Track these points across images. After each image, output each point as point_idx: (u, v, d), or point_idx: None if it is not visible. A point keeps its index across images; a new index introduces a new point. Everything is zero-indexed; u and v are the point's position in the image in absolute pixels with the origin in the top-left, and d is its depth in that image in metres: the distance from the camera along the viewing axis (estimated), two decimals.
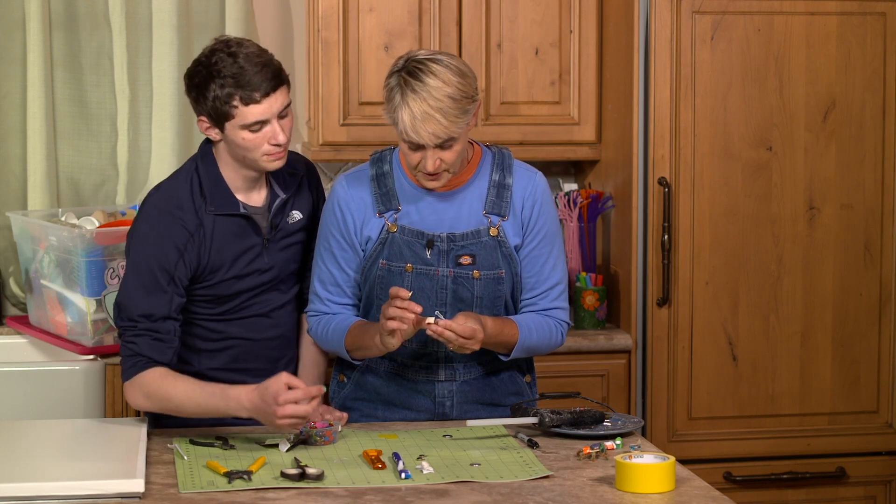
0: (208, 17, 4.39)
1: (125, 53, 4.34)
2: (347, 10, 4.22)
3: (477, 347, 3.12)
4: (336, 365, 3.44)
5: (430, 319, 3.08)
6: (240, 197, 3.23)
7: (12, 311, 4.38)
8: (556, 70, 4.33)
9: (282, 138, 3.12)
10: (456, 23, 4.27)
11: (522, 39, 4.31)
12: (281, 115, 3.13)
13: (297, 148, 4.56)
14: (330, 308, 3.32)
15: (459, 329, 3.07)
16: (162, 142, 4.32)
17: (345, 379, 3.39)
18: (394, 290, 3.08)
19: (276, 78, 3.11)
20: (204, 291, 3.23)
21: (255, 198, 3.26)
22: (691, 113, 4.12)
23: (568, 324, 3.35)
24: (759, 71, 4.13)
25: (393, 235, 3.24)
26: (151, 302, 3.12)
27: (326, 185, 4.52)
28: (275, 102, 3.11)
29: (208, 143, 3.26)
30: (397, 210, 3.25)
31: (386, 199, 3.26)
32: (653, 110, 4.10)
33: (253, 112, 3.09)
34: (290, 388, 2.96)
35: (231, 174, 3.22)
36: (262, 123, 3.11)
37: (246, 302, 3.27)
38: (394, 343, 3.11)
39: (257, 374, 3.27)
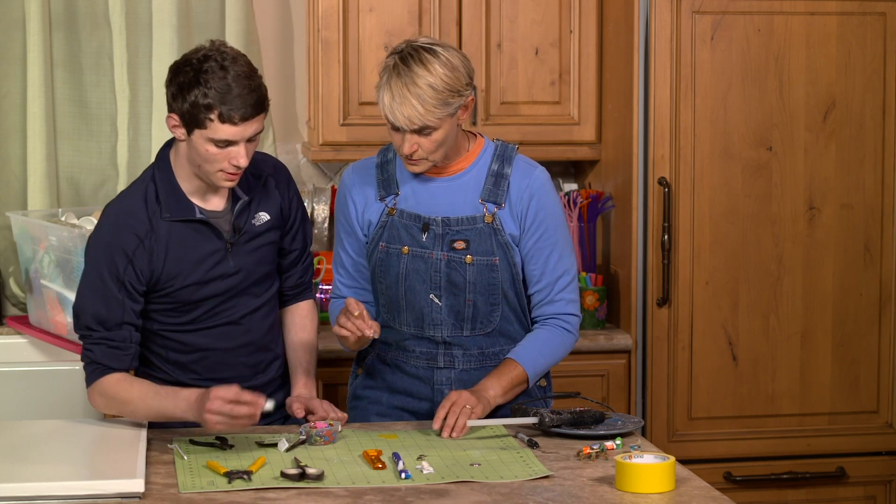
0: (208, 18, 4.39)
1: (125, 53, 4.34)
2: (347, 10, 4.22)
3: (473, 400, 3.15)
4: (355, 360, 3.49)
5: (375, 335, 3.16)
6: (196, 201, 3.19)
7: (12, 311, 4.38)
8: (556, 70, 4.33)
9: (243, 162, 3.09)
10: (456, 23, 4.27)
11: (522, 39, 4.31)
12: (249, 139, 3.10)
13: (297, 148, 4.56)
14: (342, 291, 3.41)
15: (450, 408, 3.14)
16: (162, 142, 4.29)
17: (361, 371, 3.47)
18: (349, 301, 3.16)
19: (258, 105, 3.07)
20: (166, 300, 3.20)
21: (215, 202, 3.22)
22: (691, 113, 4.12)
23: (576, 316, 3.35)
24: (759, 71, 4.13)
25: (392, 219, 3.31)
26: (104, 310, 3.12)
27: (327, 185, 4.52)
28: (248, 128, 3.06)
29: (166, 150, 3.24)
30: (396, 195, 3.31)
31: (386, 184, 3.33)
32: (653, 110, 4.10)
33: (225, 131, 3.04)
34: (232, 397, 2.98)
35: (188, 178, 3.18)
36: (230, 143, 3.07)
37: (213, 310, 3.24)
38: (347, 344, 3.24)
39: (236, 379, 3.26)
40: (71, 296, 3.92)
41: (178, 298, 3.20)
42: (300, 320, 3.41)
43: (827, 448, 4.26)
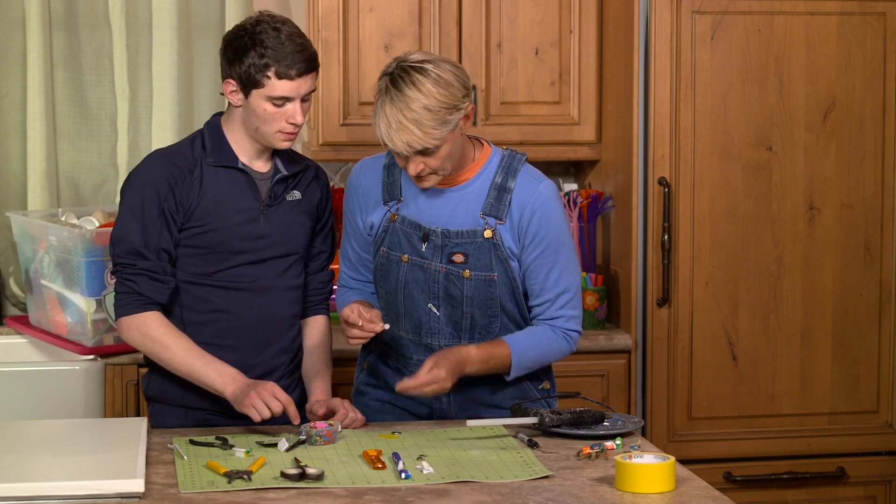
0: (208, 18, 4.39)
1: (125, 53, 4.34)
2: (347, 10, 4.22)
3: (448, 385, 3.17)
4: (361, 352, 3.50)
5: (386, 326, 3.19)
6: (242, 159, 3.32)
7: (12, 311, 4.38)
8: (556, 70, 4.33)
9: (299, 119, 3.23)
10: (456, 23, 4.27)
11: (522, 39, 4.31)
12: (304, 99, 3.23)
13: (298, 148, 4.56)
14: (347, 282, 3.43)
15: (422, 380, 3.15)
16: (162, 142, 4.32)
17: (366, 365, 3.48)
18: (346, 314, 3.18)
19: (311, 62, 3.22)
20: (196, 241, 3.27)
21: (258, 165, 3.33)
22: (691, 113, 4.12)
23: (577, 332, 3.32)
24: (759, 71, 4.13)
25: (394, 225, 3.29)
26: (143, 234, 3.23)
27: None
28: (304, 84, 3.20)
29: (217, 116, 3.36)
30: (399, 201, 3.29)
31: (391, 188, 3.31)
32: (653, 110, 4.11)
33: (283, 87, 3.18)
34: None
35: (239, 139, 3.30)
36: (286, 100, 3.20)
37: (239, 268, 3.29)
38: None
39: (243, 352, 3.30)
40: (71, 296, 3.93)
41: (207, 242, 3.28)
42: (316, 333, 3.45)
43: (827, 448, 4.26)
